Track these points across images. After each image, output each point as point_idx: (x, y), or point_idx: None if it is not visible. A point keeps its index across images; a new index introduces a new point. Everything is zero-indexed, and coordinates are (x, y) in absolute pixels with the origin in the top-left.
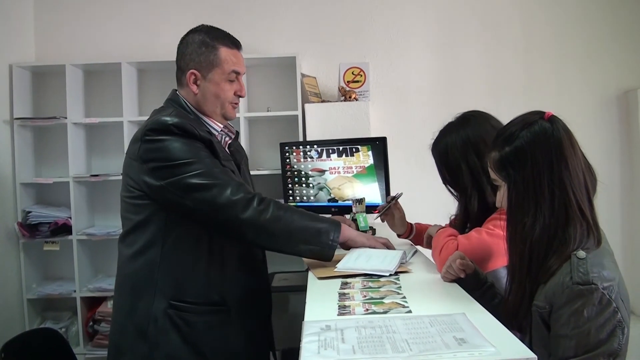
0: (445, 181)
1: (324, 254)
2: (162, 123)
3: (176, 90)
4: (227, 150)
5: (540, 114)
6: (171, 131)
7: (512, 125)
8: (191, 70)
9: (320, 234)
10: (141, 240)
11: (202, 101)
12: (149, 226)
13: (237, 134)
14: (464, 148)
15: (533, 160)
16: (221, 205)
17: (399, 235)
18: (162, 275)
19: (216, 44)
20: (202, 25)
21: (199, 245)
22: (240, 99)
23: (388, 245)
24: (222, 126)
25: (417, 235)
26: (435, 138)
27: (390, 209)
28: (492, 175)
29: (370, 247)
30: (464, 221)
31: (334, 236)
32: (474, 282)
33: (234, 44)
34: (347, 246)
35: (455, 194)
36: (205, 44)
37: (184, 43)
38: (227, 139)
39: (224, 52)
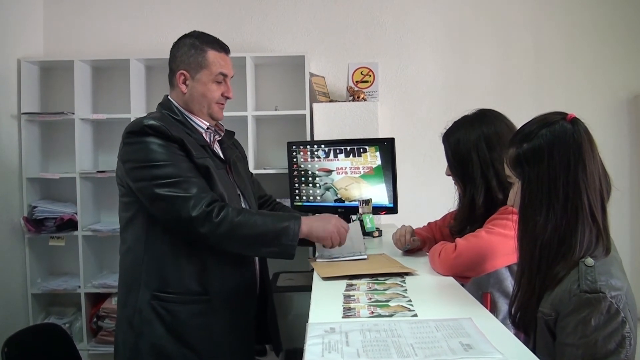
0: (454, 171)
1: (284, 254)
2: (138, 125)
3: (167, 95)
4: (219, 147)
5: (562, 115)
6: (146, 132)
7: (532, 123)
8: (181, 71)
9: (279, 236)
10: (131, 237)
11: (190, 100)
12: (135, 223)
13: (232, 133)
14: (477, 141)
15: (550, 160)
16: (182, 220)
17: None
18: (146, 268)
19: (205, 47)
20: (194, 31)
21: (179, 238)
22: (228, 100)
23: (344, 228)
24: (208, 124)
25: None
26: (448, 128)
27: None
28: (507, 172)
29: (329, 236)
30: (467, 216)
31: (293, 234)
32: None
33: (222, 48)
34: (312, 238)
35: (461, 185)
36: (194, 47)
37: (176, 46)
38: (216, 136)
39: (212, 55)
